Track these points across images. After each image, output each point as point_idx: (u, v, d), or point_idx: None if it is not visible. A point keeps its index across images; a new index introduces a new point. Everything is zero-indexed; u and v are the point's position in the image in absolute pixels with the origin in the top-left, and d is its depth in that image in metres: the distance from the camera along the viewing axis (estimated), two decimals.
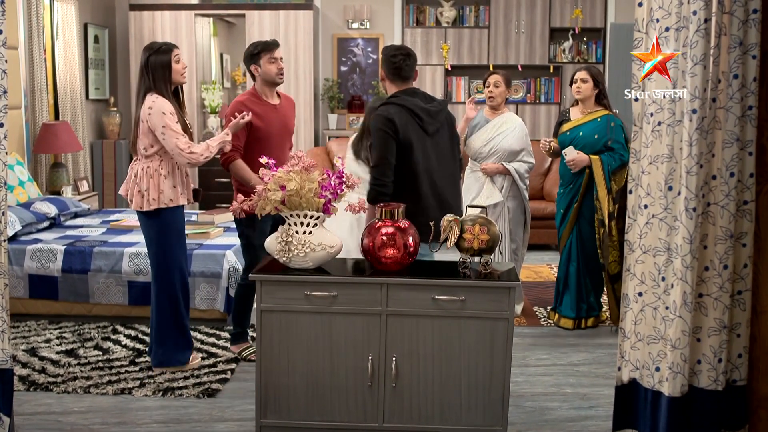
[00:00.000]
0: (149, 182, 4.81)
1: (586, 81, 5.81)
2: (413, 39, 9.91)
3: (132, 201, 4.88)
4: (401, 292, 3.86)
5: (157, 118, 4.70)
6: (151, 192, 4.80)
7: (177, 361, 5.08)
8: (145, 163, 4.84)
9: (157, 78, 4.78)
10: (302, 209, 3.91)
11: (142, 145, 4.83)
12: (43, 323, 6.00)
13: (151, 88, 4.79)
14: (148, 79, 4.79)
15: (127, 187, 4.92)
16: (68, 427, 4.31)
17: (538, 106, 9.98)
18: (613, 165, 5.68)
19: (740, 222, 2.98)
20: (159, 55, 4.79)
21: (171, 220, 4.90)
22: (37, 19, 7.83)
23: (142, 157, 4.86)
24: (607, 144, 5.73)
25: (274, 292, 3.89)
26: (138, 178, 4.83)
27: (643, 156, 3.01)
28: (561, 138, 5.98)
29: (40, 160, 8.11)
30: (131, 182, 4.88)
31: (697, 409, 3.05)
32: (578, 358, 5.42)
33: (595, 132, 5.77)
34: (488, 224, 3.94)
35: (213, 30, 10.20)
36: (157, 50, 4.81)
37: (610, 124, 5.75)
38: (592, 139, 5.75)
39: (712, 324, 2.99)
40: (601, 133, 5.74)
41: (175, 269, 4.98)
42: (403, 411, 3.94)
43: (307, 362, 3.93)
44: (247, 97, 5.15)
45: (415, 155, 4.30)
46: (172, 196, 4.85)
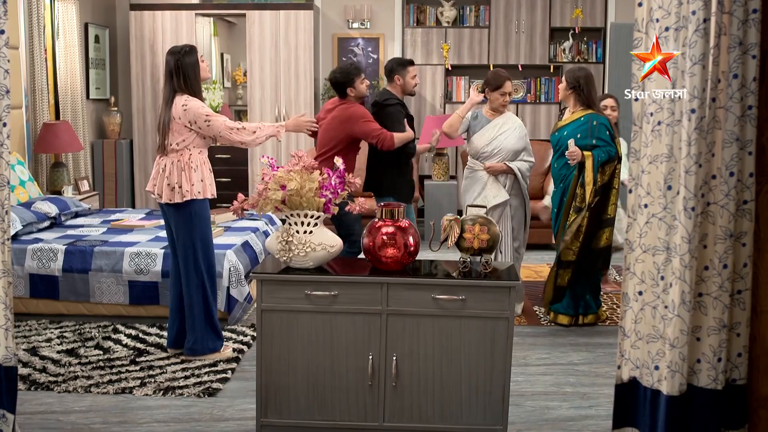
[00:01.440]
0: (180, 175, 5.00)
1: (562, 83, 5.99)
2: (413, 39, 9.92)
3: (161, 195, 5.06)
4: (402, 291, 3.86)
5: (195, 111, 4.98)
6: (184, 185, 4.99)
7: (209, 349, 5.26)
8: (174, 157, 5.03)
9: (189, 78, 5.03)
10: (303, 209, 3.92)
11: (174, 141, 5.02)
12: (44, 322, 6.01)
13: (181, 89, 5.02)
14: (179, 81, 5.02)
15: (155, 182, 5.10)
16: (69, 426, 4.32)
17: (538, 105, 9.99)
18: (602, 158, 5.75)
19: (740, 221, 2.98)
20: (187, 57, 5.03)
21: (200, 211, 5.11)
22: (38, 18, 7.84)
23: (172, 152, 5.03)
24: (592, 143, 5.79)
25: (274, 292, 3.90)
26: (167, 171, 5.02)
27: (642, 155, 3.02)
28: (552, 138, 6.07)
29: (40, 160, 8.12)
30: (159, 177, 5.07)
31: (697, 407, 3.06)
32: (578, 358, 5.43)
33: (578, 131, 5.84)
34: (488, 224, 3.95)
35: (213, 30, 10.21)
36: (184, 52, 5.04)
37: (593, 122, 5.80)
38: (576, 139, 5.81)
39: (711, 323, 3.00)
40: (583, 132, 5.81)
41: (203, 259, 5.18)
42: (404, 410, 3.95)
43: (307, 361, 3.94)
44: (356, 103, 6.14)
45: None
46: (200, 189, 5.05)
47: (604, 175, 5.80)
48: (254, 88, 9.42)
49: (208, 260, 5.22)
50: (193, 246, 5.13)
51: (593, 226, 5.83)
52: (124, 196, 9.44)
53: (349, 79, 6.06)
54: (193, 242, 5.12)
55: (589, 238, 5.84)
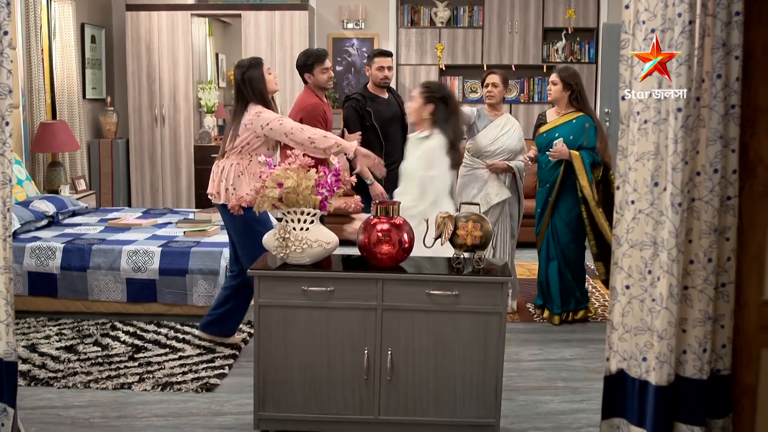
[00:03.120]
0: (243, 180, 5.05)
1: (556, 83, 5.98)
2: (408, 39, 9.99)
3: (219, 195, 5.12)
4: (396, 287, 3.93)
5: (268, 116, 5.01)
6: (243, 188, 5.00)
7: (220, 332, 5.44)
8: (235, 160, 5.09)
9: (256, 89, 5.08)
10: (299, 206, 3.98)
11: (238, 144, 5.06)
12: (43, 320, 6.07)
13: (253, 99, 5.08)
14: (248, 92, 5.08)
15: (214, 185, 5.15)
16: (69, 421, 4.39)
17: (531, 105, 10.07)
18: (588, 161, 5.81)
19: (724, 217, 3.07)
20: (252, 70, 5.10)
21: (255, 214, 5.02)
22: (35, 19, 7.89)
23: (233, 154, 5.09)
24: (583, 145, 5.86)
25: (271, 288, 3.97)
26: (225, 173, 5.08)
27: (629, 153, 3.10)
28: (538, 140, 6.13)
29: (37, 159, 8.18)
30: (217, 179, 5.13)
31: (683, 397, 3.14)
32: (570, 353, 5.51)
33: (570, 133, 5.90)
34: (481, 221, 4.03)
35: (209, 30, 10.26)
36: (249, 66, 5.12)
37: (585, 125, 5.87)
38: (568, 140, 5.89)
39: (697, 315, 3.08)
40: (576, 134, 5.88)
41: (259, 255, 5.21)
42: (399, 404, 4.02)
43: (304, 356, 4.00)
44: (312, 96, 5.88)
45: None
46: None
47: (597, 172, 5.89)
48: None
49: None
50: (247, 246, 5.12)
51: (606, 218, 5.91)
52: (120, 195, 9.51)
53: (307, 63, 5.84)
54: (247, 243, 5.11)
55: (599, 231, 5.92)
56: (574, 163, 5.84)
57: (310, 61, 5.80)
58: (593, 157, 5.85)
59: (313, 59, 5.80)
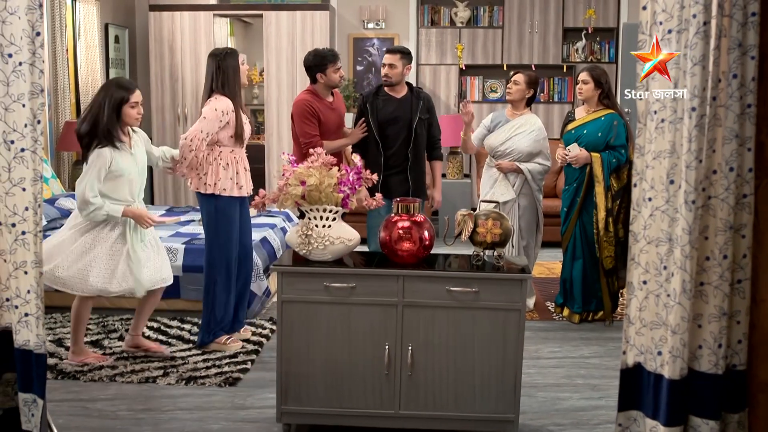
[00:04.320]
0: (208, 168, 5.20)
1: (587, 82, 5.98)
2: (428, 39, 10.04)
3: (191, 182, 5.30)
4: (417, 283, 3.98)
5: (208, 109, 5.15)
6: (208, 177, 5.21)
7: (200, 341, 5.47)
8: (207, 151, 5.22)
9: (226, 80, 5.19)
10: (322, 204, 4.05)
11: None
12: (69, 315, 6.14)
13: (218, 90, 5.20)
14: (216, 82, 5.20)
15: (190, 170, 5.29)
16: (96, 414, 4.48)
17: (551, 105, 10.10)
18: (613, 163, 5.84)
19: (739, 214, 3.10)
20: (228, 59, 5.20)
21: (222, 208, 5.28)
22: (60, 19, 8.01)
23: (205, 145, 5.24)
24: (610, 142, 5.88)
25: (294, 284, 4.03)
26: (198, 162, 5.21)
27: (647, 151, 3.14)
28: (566, 137, 6.13)
29: (62, 158, 8.30)
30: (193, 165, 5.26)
31: (698, 391, 3.18)
32: (589, 351, 5.54)
33: (599, 130, 5.93)
34: (501, 219, 4.08)
35: (230, 30, 10.35)
36: (225, 55, 5.22)
37: (613, 122, 5.89)
38: (596, 137, 5.91)
39: (712, 311, 3.12)
40: (604, 131, 5.90)
41: (218, 255, 5.35)
42: (419, 399, 4.07)
43: (326, 351, 4.06)
44: (309, 95, 5.81)
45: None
46: (226, 186, 5.22)
47: (619, 181, 5.90)
48: (271, 88, 9.56)
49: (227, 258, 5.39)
50: (210, 238, 5.34)
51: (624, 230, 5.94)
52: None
53: (321, 63, 5.73)
54: (211, 235, 5.33)
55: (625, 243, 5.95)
56: (594, 167, 5.87)
57: (325, 61, 5.72)
58: (618, 158, 5.86)
59: (329, 59, 5.73)
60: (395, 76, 5.81)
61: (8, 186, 3.29)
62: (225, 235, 5.32)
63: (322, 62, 5.72)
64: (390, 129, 5.82)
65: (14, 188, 3.29)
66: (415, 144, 5.82)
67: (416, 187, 5.86)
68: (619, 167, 5.90)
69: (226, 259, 5.36)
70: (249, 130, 5.38)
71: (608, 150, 5.89)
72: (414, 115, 5.80)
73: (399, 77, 5.82)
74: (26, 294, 3.32)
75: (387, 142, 5.82)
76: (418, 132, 5.83)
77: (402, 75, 5.84)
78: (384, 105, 5.86)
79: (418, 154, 5.88)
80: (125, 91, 4.86)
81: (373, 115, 5.83)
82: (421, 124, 5.84)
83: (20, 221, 3.30)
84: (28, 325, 3.33)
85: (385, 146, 5.82)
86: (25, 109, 3.30)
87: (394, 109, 5.83)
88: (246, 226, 5.56)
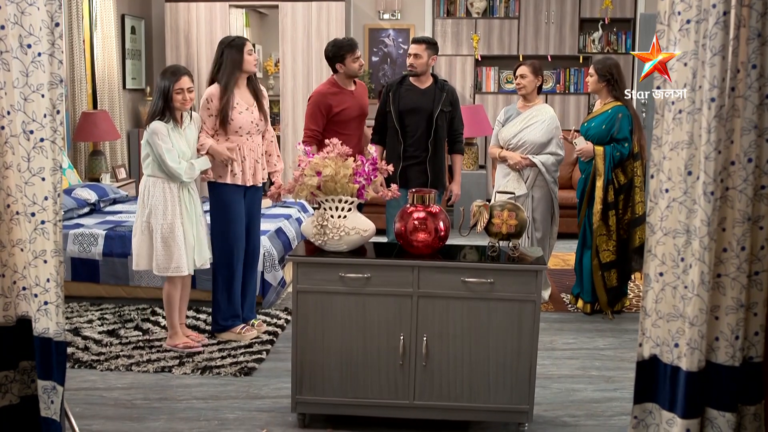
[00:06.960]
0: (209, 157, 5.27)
1: (592, 75, 5.99)
2: (444, 29, 10.03)
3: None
4: (432, 274, 3.99)
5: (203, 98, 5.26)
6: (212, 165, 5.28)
7: (215, 328, 5.51)
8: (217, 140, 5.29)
9: (225, 71, 5.19)
10: (337, 194, 4.05)
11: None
12: (85, 305, 6.21)
13: (217, 79, 5.22)
14: (215, 71, 5.24)
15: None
16: (112, 402, 4.51)
17: (567, 96, 10.07)
18: (616, 156, 5.82)
19: (757, 206, 3.09)
20: (232, 50, 5.20)
21: (220, 194, 5.33)
22: (77, 10, 8.05)
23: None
24: (614, 135, 5.86)
25: (310, 274, 4.04)
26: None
27: (664, 142, 3.13)
28: (582, 129, 6.13)
29: (79, 148, 8.34)
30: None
31: (715, 383, 3.17)
32: (604, 343, 5.54)
33: (604, 123, 5.92)
34: (516, 210, 4.08)
35: (246, 21, 10.37)
36: (230, 45, 5.21)
37: (618, 115, 5.87)
38: (601, 130, 5.91)
39: (729, 303, 3.11)
40: (608, 124, 5.89)
41: (218, 243, 5.37)
42: (433, 389, 4.08)
43: (341, 341, 4.07)
44: (328, 87, 5.91)
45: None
46: (221, 173, 5.26)
47: (625, 175, 5.88)
48: (286, 79, 9.57)
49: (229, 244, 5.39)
50: (214, 224, 5.39)
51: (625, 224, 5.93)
52: None
53: (339, 54, 5.78)
54: (215, 221, 5.38)
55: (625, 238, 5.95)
56: (596, 160, 5.87)
57: (342, 51, 5.75)
58: (621, 151, 5.83)
59: (346, 49, 5.76)
60: (420, 66, 5.74)
61: (27, 176, 3.30)
62: (224, 224, 5.32)
63: (339, 52, 5.77)
64: (409, 119, 5.76)
65: (33, 178, 3.31)
66: (435, 136, 5.77)
67: (435, 179, 5.81)
68: (624, 160, 5.86)
69: (227, 248, 5.35)
70: (249, 119, 5.26)
71: (612, 143, 5.87)
72: (435, 107, 5.74)
73: (424, 67, 5.76)
74: (46, 282, 3.34)
75: (406, 132, 5.77)
76: (439, 124, 5.77)
77: (427, 65, 5.78)
78: (406, 94, 5.80)
79: (438, 146, 5.82)
80: (171, 77, 5.03)
81: (394, 104, 5.77)
82: (443, 116, 5.78)
83: (39, 210, 3.32)
84: (47, 314, 3.36)
85: (404, 136, 5.77)
86: (45, 99, 3.33)
87: (416, 99, 5.78)
88: (253, 216, 5.50)
